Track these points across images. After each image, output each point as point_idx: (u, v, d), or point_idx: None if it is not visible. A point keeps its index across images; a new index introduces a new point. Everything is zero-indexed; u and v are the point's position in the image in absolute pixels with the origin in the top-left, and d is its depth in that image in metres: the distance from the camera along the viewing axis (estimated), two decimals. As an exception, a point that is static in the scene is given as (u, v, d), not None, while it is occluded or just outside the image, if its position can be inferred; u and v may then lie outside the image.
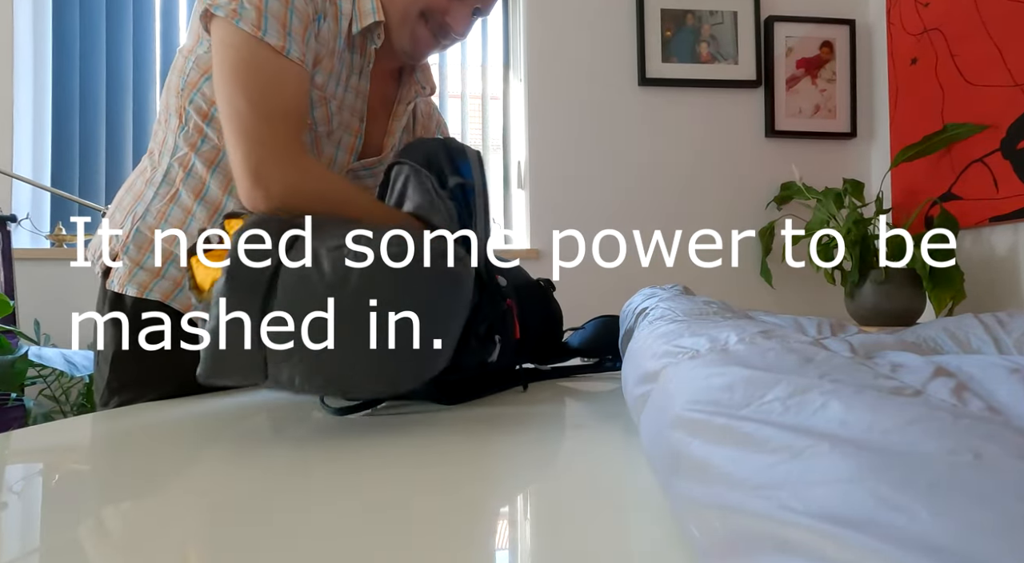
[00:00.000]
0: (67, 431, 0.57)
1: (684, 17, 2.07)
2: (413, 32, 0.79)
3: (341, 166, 0.83)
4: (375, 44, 0.78)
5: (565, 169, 2.06)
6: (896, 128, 1.97)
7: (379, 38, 0.78)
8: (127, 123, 2.05)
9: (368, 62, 0.80)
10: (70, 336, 1.85)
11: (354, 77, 0.80)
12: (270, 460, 0.45)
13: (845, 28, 2.13)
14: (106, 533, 0.31)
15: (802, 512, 0.17)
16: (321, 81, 0.75)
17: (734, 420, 0.24)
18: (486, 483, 0.38)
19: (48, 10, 2.02)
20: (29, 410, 1.66)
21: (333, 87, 0.77)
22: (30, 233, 1.98)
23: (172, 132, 0.78)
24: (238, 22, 0.65)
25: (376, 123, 0.86)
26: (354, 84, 0.80)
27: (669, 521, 0.30)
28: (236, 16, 0.65)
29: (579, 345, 0.91)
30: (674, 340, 0.41)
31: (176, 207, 0.77)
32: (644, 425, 0.35)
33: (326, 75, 0.76)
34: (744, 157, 2.12)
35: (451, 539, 0.29)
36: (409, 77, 0.89)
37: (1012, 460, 0.15)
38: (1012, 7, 1.56)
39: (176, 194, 0.77)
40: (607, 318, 0.92)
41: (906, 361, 0.31)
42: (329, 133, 0.79)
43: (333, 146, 0.81)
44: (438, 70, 2.16)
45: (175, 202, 0.77)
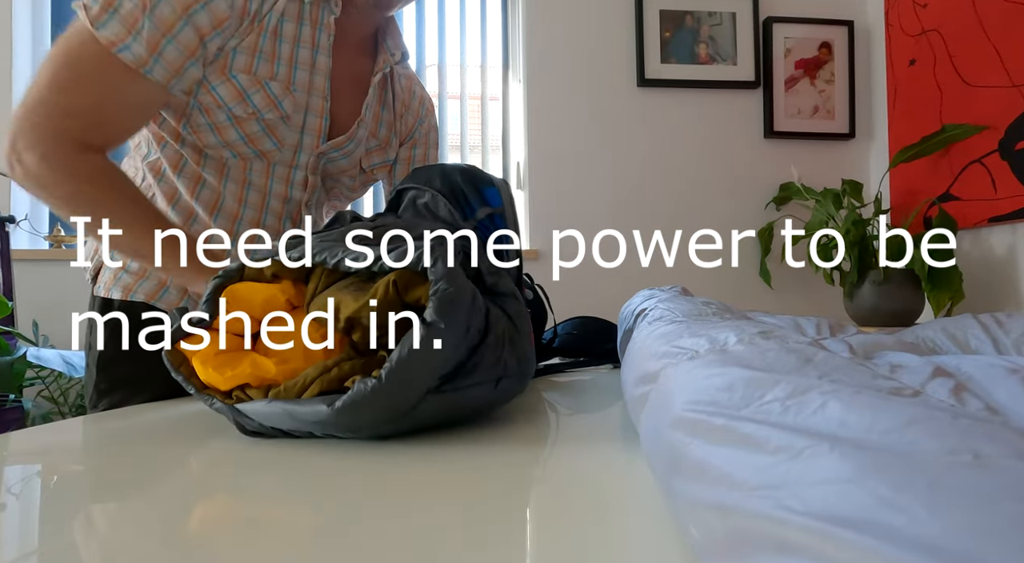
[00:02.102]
0: (66, 432, 0.57)
1: (683, 18, 2.08)
2: None
3: (309, 150, 0.79)
4: (333, 14, 0.74)
5: (564, 170, 2.06)
6: (895, 129, 1.97)
7: (336, 6, 0.73)
8: (126, 124, 2.05)
9: (328, 36, 0.75)
10: (68, 337, 1.85)
11: (305, 52, 0.74)
12: (269, 460, 0.45)
13: (844, 29, 2.14)
14: (105, 534, 0.31)
15: (801, 512, 0.17)
16: (245, 62, 0.70)
17: (733, 420, 0.24)
18: (482, 483, 0.38)
19: (47, 10, 2.02)
20: (27, 411, 1.66)
21: (269, 68, 0.72)
22: (28, 234, 1.98)
23: (144, 139, 0.78)
24: (100, 28, 0.62)
25: (344, 100, 0.81)
26: (306, 60, 0.74)
27: (668, 521, 0.30)
28: (98, 21, 0.61)
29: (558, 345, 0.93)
30: (673, 341, 0.41)
31: None
32: (643, 425, 0.35)
33: (251, 55, 0.70)
34: (743, 158, 2.12)
35: (447, 539, 0.29)
36: (380, 47, 0.83)
37: (1011, 460, 0.15)
38: (1010, 8, 1.56)
39: (151, 198, 0.77)
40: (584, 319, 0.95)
41: (905, 361, 0.31)
42: (285, 118, 0.74)
43: (296, 131, 0.76)
44: (437, 71, 2.16)
45: None
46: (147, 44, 0.63)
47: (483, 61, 2.20)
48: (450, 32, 2.19)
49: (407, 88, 0.91)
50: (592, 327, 0.94)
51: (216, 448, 0.49)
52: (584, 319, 0.96)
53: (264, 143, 0.75)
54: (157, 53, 0.64)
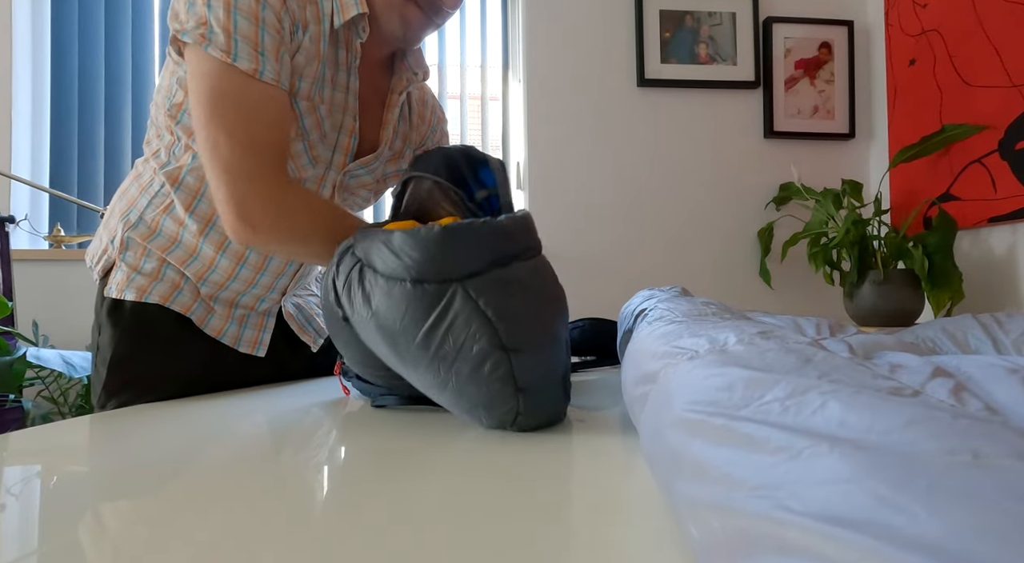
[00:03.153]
0: (65, 433, 0.57)
1: (683, 18, 2.07)
2: (402, 15, 0.74)
3: (338, 167, 0.81)
4: (360, 38, 0.75)
5: (564, 170, 2.06)
6: (894, 129, 1.97)
7: (364, 31, 0.75)
8: (126, 124, 2.05)
9: (356, 58, 0.77)
10: (68, 337, 1.85)
11: (342, 74, 0.77)
12: (269, 459, 0.45)
13: (843, 29, 2.14)
14: (104, 535, 0.31)
15: (801, 512, 0.17)
16: (306, 89, 0.73)
17: (733, 421, 0.24)
18: (483, 483, 0.38)
19: (47, 11, 2.02)
20: (27, 411, 1.66)
21: (320, 92, 0.75)
22: (28, 234, 1.98)
23: (165, 146, 0.78)
24: (207, 47, 0.63)
25: (370, 117, 0.83)
26: (342, 82, 0.77)
27: (668, 521, 0.30)
28: (205, 42, 0.63)
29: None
30: (673, 341, 0.41)
31: (168, 218, 0.78)
32: (643, 425, 0.35)
33: (310, 83, 0.73)
34: (743, 158, 2.12)
35: (447, 537, 0.29)
36: (400, 64, 0.85)
37: (1010, 460, 0.15)
38: (1010, 8, 1.56)
39: (170, 205, 0.77)
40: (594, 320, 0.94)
41: (905, 361, 0.31)
42: (323, 137, 0.77)
43: (328, 149, 0.79)
44: (437, 71, 2.16)
45: (168, 213, 0.77)
46: (267, 55, 0.66)
47: (483, 61, 2.20)
48: (450, 32, 2.19)
49: (420, 99, 0.93)
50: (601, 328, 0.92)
51: (216, 448, 0.49)
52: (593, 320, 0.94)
53: (301, 160, 0.77)
54: (276, 60, 0.67)
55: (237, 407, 0.67)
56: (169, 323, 0.77)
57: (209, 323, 0.80)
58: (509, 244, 0.52)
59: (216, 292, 0.80)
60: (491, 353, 0.48)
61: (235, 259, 0.78)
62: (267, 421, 0.60)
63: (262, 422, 0.59)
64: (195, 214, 0.77)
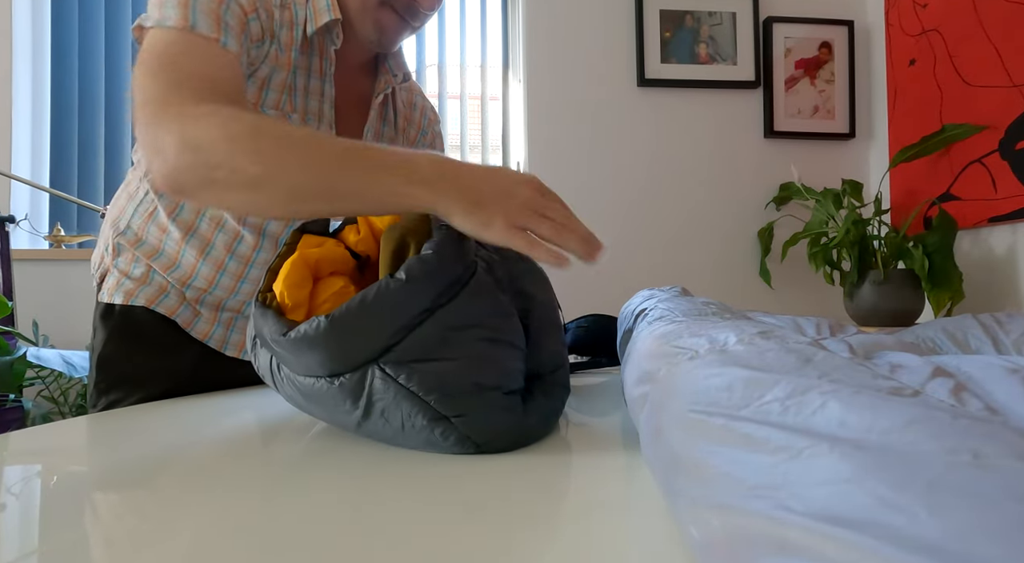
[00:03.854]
0: (66, 432, 0.57)
1: (683, 18, 2.07)
2: (376, 20, 0.73)
3: None
4: (335, 44, 0.74)
5: (564, 169, 2.06)
6: (895, 129, 1.97)
7: (338, 37, 0.74)
8: (126, 124, 2.05)
9: (331, 65, 0.75)
10: (68, 337, 1.85)
11: (315, 82, 0.75)
12: (267, 459, 0.45)
13: (844, 29, 2.13)
14: (104, 535, 0.31)
15: (801, 512, 0.17)
16: (275, 99, 0.72)
17: (733, 420, 0.24)
18: (483, 482, 0.38)
19: (47, 11, 2.02)
20: (27, 411, 1.66)
21: (291, 100, 0.73)
22: (28, 234, 1.98)
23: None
24: (165, 22, 0.60)
25: (351, 123, 0.82)
26: (317, 89, 0.76)
27: (669, 521, 0.30)
28: (162, 19, 0.60)
29: (572, 343, 0.91)
30: (673, 341, 0.41)
31: (153, 225, 0.78)
32: (643, 425, 0.35)
33: (279, 92, 0.72)
34: (743, 158, 2.12)
35: (448, 538, 0.29)
36: (381, 67, 0.83)
37: (1010, 460, 0.15)
38: (1010, 8, 1.56)
39: (155, 211, 0.78)
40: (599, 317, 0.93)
41: (905, 361, 0.31)
42: None
43: None
44: (437, 71, 2.16)
45: (153, 220, 0.78)
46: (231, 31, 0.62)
47: (483, 61, 2.20)
48: (450, 32, 2.19)
49: (408, 101, 0.91)
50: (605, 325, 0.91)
51: (215, 448, 0.49)
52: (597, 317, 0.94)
53: None
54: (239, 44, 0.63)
55: (235, 406, 0.67)
56: (157, 324, 0.78)
57: (196, 326, 0.80)
58: (414, 301, 0.42)
59: (201, 296, 0.80)
60: (435, 424, 0.43)
61: (215, 267, 0.79)
62: (260, 420, 0.60)
63: (258, 421, 0.59)
64: (177, 221, 0.77)
